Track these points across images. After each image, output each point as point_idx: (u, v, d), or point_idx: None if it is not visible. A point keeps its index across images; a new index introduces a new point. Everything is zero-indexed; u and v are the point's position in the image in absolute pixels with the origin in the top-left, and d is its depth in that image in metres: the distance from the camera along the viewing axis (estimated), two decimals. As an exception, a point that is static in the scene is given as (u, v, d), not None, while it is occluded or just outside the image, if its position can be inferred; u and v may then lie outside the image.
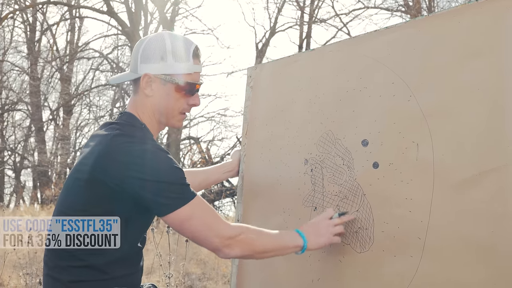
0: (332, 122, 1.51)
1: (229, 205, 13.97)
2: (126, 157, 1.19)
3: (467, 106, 1.19)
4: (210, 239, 1.23)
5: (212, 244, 1.23)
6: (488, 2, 1.21)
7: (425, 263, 1.21)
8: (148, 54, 1.31)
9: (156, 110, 1.33)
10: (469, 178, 1.16)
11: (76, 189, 1.26)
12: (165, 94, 1.32)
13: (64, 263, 1.26)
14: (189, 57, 1.32)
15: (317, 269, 1.46)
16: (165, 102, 1.32)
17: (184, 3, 18.13)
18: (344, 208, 1.42)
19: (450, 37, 1.26)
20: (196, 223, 1.21)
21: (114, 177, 1.19)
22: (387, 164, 1.33)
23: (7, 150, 18.86)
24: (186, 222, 1.21)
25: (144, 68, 1.30)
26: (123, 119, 1.32)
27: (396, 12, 13.94)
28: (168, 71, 1.30)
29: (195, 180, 1.75)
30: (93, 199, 1.24)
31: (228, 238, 1.23)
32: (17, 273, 4.25)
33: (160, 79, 1.30)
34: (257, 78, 1.85)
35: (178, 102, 1.33)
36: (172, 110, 1.34)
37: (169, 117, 1.35)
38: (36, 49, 18.50)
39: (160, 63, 1.30)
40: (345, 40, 1.59)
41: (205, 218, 1.22)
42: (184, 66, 1.31)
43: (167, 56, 1.30)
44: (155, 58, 1.30)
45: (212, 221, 1.23)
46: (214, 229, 1.22)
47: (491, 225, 1.11)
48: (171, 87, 1.31)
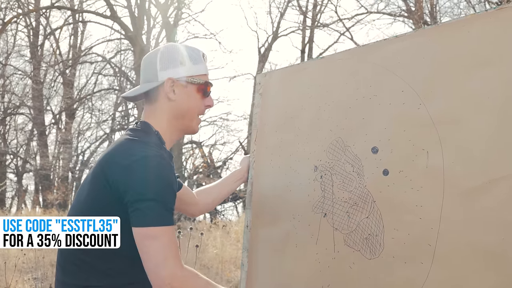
0: (341, 129, 1.53)
1: (231, 209, 13.97)
2: (126, 160, 1.22)
3: (476, 114, 1.21)
4: (156, 275, 1.17)
5: (159, 274, 1.17)
6: (497, 12, 1.22)
7: (436, 270, 1.22)
8: (167, 61, 1.38)
9: (178, 114, 1.38)
10: (479, 185, 1.18)
11: (87, 187, 1.30)
12: (187, 96, 1.38)
13: (72, 267, 1.27)
14: (201, 59, 1.42)
15: (327, 275, 1.48)
16: (187, 104, 1.38)
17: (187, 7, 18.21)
18: (354, 214, 1.44)
19: (459, 46, 1.28)
20: (157, 247, 1.17)
21: (111, 177, 1.22)
22: (397, 171, 1.34)
23: (9, 153, 18.89)
24: (149, 240, 1.18)
25: (166, 74, 1.37)
26: (138, 126, 1.37)
27: (399, 17, 13.98)
28: (189, 73, 1.38)
29: (208, 198, 1.78)
30: (98, 198, 1.27)
31: (177, 278, 1.17)
32: (22, 278, 4.27)
33: (182, 81, 1.37)
34: (266, 85, 1.87)
35: (198, 103, 1.40)
36: (193, 111, 1.40)
37: (190, 119, 1.40)
38: (39, 53, 18.58)
39: (180, 67, 1.37)
40: (354, 48, 1.61)
41: (168, 247, 1.18)
42: (201, 67, 1.41)
43: (185, 60, 1.38)
44: (175, 63, 1.38)
45: (172, 255, 1.19)
46: (169, 261, 1.17)
47: (501, 233, 1.12)
48: (193, 88, 1.39)
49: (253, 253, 1.76)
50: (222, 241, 6.22)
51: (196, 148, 17.02)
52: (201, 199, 1.76)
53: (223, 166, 15.63)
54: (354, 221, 1.43)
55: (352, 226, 1.44)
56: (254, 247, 1.76)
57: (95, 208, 1.28)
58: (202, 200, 1.76)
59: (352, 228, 1.44)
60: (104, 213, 1.27)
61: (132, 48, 16.24)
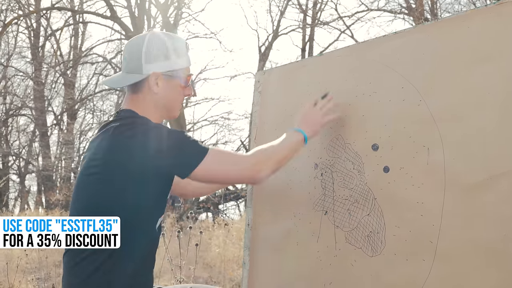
0: (341, 126, 1.52)
1: (233, 208, 13.98)
2: (132, 140, 1.25)
3: (477, 110, 1.20)
4: (242, 172, 1.35)
5: (246, 175, 1.36)
6: (497, 7, 1.22)
7: (437, 266, 1.22)
8: (152, 54, 1.39)
9: (161, 105, 1.41)
10: (480, 181, 1.17)
11: (90, 186, 1.29)
12: (170, 89, 1.41)
13: (77, 263, 1.27)
14: (186, 51, 1.45)
15: (328, 273, 1.47)
16: (171, 97, 1.42)
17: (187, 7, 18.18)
18: (355, 212, 1.43)
19: (459, 42, 1.27)
20: (222, 167, 1.32)
21: (130, 163, 1.23)
22: (398, 168, 1.34)
23: (12, 155, 18.94)
24: (212, 170, 1.30)
25: (150, 68, 1.38)
26: (121, 115, 1.37)
27: (399, 15, 13.96)
28: (173, 67, 1.41)
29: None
30: (109, 193, 1.26)
31: (255, 164, 1.34)
32: (25, 278, 4.27)
33: (166, 75, 1.40)
34: (265, 83, 1.87)
35: (180, 95, 1.45)
36: (176, 103, 1.45)
37: (173, 109, 1.45)
38: (40, 54, 18.59)
39: (165, 61, 1.39)
40: (354, 45, 1.60)
41: (227, 159, 1.35)
42: (184, 61, 1.44)
43: (170, 54, 1.40)
44: (159, 57, 1.39)
45: (234, 159, 1.38)
46: (240, 163, 1.36)
47: (503, 229, 1.12)
48: (176, 82, 1.42)
49: (255, 251, 1.75)
50: (224, 240, 6.22)
51: (198, 148, 16.99)
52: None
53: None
54: (355, 218, 1.43)
55: (353, 224, 1.44)
56: (256, 245, 1.76)
57: (106, 201, 1.27)
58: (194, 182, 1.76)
59: (354, 226, 1.43)
60: (116, 205, 1.27)
61: (133, 48, 16.21)
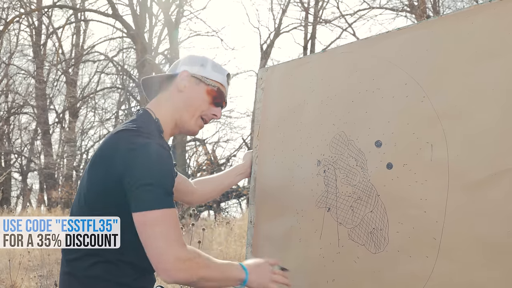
0: (344, 123, 1.52)
1: (235, 206, 13.99)
2: (126, 148, 1.22)
3: (481, 106, 1.20)
4: (163, 256, 1.14)
5: (163, 261, 1.14)
6: (501, 3, 1.21)
7: (441, 263, 1.21)
8: (190, 59, 1.47)
9: (181, 106, 1.41)
10: (484, 178, 1.17)
11: (87, 183, 1.30)
12: (195, 93, 1.42)
13: (80, 257, 1.27)
14: (224, 74, 1.48)
15: (331, 270, 1.47)
16: (193, 100, 1.42)
17: (189, 5, 18.19)
18: (358, 209, 1.43)
19: (463, 38, 1.27)
20: (158, 233, 1.15)
21: (113, 169, 1.22)
22: (401, 165, 1.33)
23: (14, 153, 18.97)
24: (149, 227, 1.16)
25: (184, 68, 1.44)
26: (138, 114, 1.38)
27: (401, 12, 13.92)
28: (205, 74, 1.44)
29: (207, 187, 1.77)
30: (101, 193, 1.26)
31: (182, 261, 1.15)
32: (28, 276, 4.28)
33: (196, 78, 1.43)
34: (268, 80, 1.86)
35: (203, 104, 1.43)
36: (195, 109, 1.42)
37: (191, 115, 1.42)
38: (42, 52, 18.62)
39: (200, 67, 1.45)
40: (357, 42, 1.59)
41: (169, 231, 1.16)
42: (219, 76, 1.46)
43: (208, 64, 1.46)
44: (196, 63, 1.46)
45: (174, 239, 1.16)
46: (172, 246, 1.15)
47: (507, 225, 1.11)
48: (203, 88, 1.43)
49: (257, 248, 1.75)
50: (227, 238, 6.22)
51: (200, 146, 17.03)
52: (199, 188, 1.76)
53: (226, 163, 15.64)
54: (358, 215, 1.43)
55: (356, 221, 1.43)
56: (258, 242, 1.76)
57: (99, 200, 1.27)
58: (200, 189, 1.75)
59: (356, 223, 1.43)
60: (106, 204, 1.26)
61: (134, 46, 16.24)
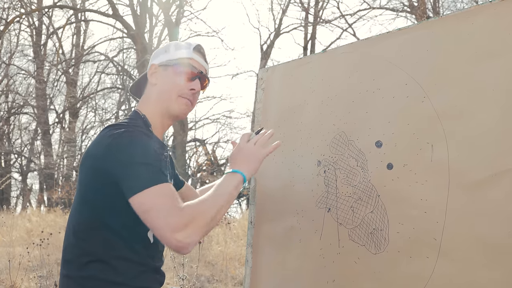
0: (344, 123, 1.52)
1: (235, 207, 13.99)
2: (107, 140, 1.23)
3: (481, 106, 1.19)
4: (167, 239, 1.13)
5: (168, 239, 1.13)
6: (502, 3, 1.21)
7: (442, 264, 1.21)
8: (155, 52, 1.51)
9: (159, 97, 1.43)
10: (485, 178, 1.16)
11: (80, 180, 1.32)
12: (165, 79, 1.44)
13: (74, 258, 1.27)
14: (189, 47, 1.46)
15: (332, 271, 1.47)
16: (165, 86, 1.43)
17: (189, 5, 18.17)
18: (359, 209, 1.43)
19: (463, 38, 1.26)
20: (154, 214, 1.13)
21: (98, 162, 1.24)
22: (402, 165, 1.33)
23: (14, 153, 18.97)
24: (145, 211, 1.14)
25: (152, 62, 1.48)
26: (127, 116, 1.43)
27: (401, 13, 13.92)
28: (169, 58, 1.45)
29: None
30: (91, 187, 1.27)
31: (183, 235, 1.12)
32: (28, 276, 4.28)
33: (163, 66, 1.45)
34: (268, 80, 1.86)
35: (176, 85, 1.42)
36: (169, 92, 1.42)
37: (168, 99, 1.42)
38: (42, 52, 18.62)
39: (164, 54, 1.46)
40: (357, 42, 1.59)
41: (161, 209, 1.13)
42: (184, 52, 1.45)
43: (170, 47, 1.47)
44: (160, 52, 1.48)
45: (167, 214, 1.13)
46: (169, 225, 1.12)
47: (507, 226, 1.11)
48: (171, 71, 1.44)
49: (257, 249, 1.75)
50: (226, 239, 6.22)
51: (200, 146, 17.05)
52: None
53: (226, 163, 15.64)
54: (359, 215, 1.42)
55: (356, 221, 1.43)
56: (258, 243, 1.75)
57: (90, 195, 1.28)
58: None
59: (357, 223, 1.43)
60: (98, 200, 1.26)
61: (135, 47, 16.25)
